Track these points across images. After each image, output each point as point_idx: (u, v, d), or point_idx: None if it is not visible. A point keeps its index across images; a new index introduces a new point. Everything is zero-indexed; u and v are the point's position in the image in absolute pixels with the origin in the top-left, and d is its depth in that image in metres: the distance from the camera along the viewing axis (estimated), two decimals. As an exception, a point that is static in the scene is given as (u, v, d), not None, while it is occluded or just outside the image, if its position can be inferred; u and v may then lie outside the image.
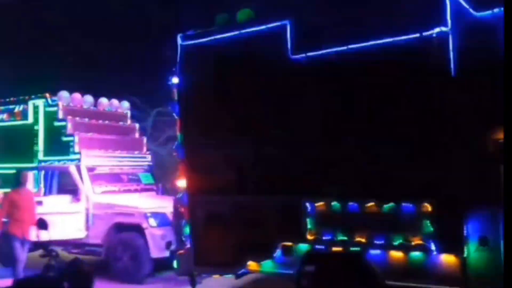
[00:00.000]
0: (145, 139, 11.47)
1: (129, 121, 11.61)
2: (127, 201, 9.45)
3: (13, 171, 10.27)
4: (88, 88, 11.56)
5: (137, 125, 11.64)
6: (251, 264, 5.98)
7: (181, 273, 6.99)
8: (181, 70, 6.69)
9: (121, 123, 11.39)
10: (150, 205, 9.20)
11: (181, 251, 6.97)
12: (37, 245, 9.97)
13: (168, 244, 8.70)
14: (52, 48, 14.70)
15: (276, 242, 5.76)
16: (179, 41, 6.67)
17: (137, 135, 11.49)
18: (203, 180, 6.50)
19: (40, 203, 9.59)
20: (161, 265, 8.81)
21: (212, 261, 6.41)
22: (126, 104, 11.72)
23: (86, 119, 10.55)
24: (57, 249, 10.66)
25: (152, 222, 8.79)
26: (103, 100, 11.31)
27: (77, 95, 10.81)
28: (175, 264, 7.03)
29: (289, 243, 5.71)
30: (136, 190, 10.41)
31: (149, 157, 11.21)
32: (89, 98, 11.04)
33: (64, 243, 10.04)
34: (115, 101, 11.51)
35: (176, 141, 7.10)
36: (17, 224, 7.82)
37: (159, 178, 11.64)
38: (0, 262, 10.54)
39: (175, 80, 6.91)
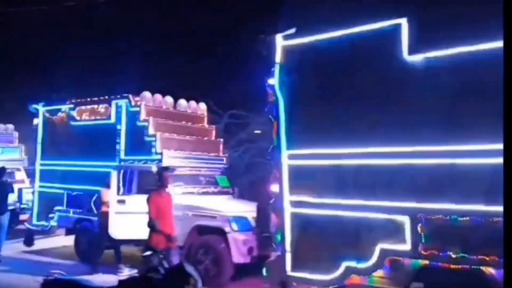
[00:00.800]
0: (222, 142, 11.38)
1: (206, 123, 11.58)
2: (208, 203, 9.35)
3: (95, 169, 10.59)
4: (164, 89, 11.59)
5: (214, 127, 11.58)
6: (354, 278, 5.64)
7: (271, 281, 6.74)
8: (280, 71, 6.44)
9: (199, 124, 11.37)
10: (232, 209, 9.05)
11: (272, 259, 6.72)
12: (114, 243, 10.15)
13: (250, 250, 8.53)
14: (133, 50, 14.98)
15: (382, 255, 5.38)
16: (278, 41, 6.44)
17: (214, 137, 11.43)
18: (302, 185, 6.22)
19: (122, 201, 9.71)
20: (242, 270, 8.63)
21: (307, 271, 6.11)
22: (203, 106, 11.71)
23: (167, 120, 10.58)
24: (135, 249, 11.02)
25: (235, 226, 8.63)
26: (182, 102, 11.35)
27: (158, 96, 10.89)
28: (264, 271, 6.79)
29: (397, 257, 5.33)
30: (213, 193, 10.32)
31: (225, 160, 11.10)
32: (169, 99, 11.10)
33: (142, 243, 10.14)
34: (193, 103, 11.52)
35: (271, 145, 6.85)
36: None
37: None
38: (78, 256, 10.79)
39: (271, 81, 6.68)
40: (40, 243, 12.19)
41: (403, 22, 5.26)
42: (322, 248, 5.93)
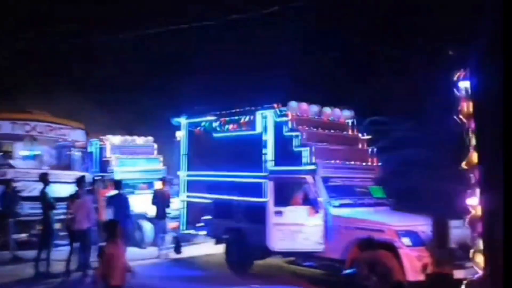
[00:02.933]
0: (372, 150, 10.89)
1: (351, 131, 11.18)
2: (370, 216, 8.93)
3: (243, 180, 10.61)
4: (307, 98, 11.35)
5: (362, 135, 11.13)
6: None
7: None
8: (477, 73, 5.83)
9: (345, 132, 11.00)
10: (400, 222, 8.55)
11: (473, 278, 6.09)
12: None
13: (425, 267, 7.96)
14: (273, 59, 15.06)
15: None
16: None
17: (363, 145, 10.98)
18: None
19: (279, 213, 9.59)
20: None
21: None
22: (347, 113, 11.32)
23: (315, 129, 10.33)
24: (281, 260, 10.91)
25: (407, 241, 8.11)
26: (326, 110, 11.04)
27: (304, 105, 10.69)
28: (464, 292, 6.16)
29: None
30: (369, 204, 9.88)
31: (378, 169, 10.61)
32: (314, 108, 10.84)
33: (297, 255, 9.98)
34: (337, 110, 11.18)
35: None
36: None
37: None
38: (228, 266, 10.86)
39: (463, 84, 6.09)
40: (186, 251, 12.53)
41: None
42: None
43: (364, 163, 10.52)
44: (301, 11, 12.53)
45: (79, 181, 9.93)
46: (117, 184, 11.84)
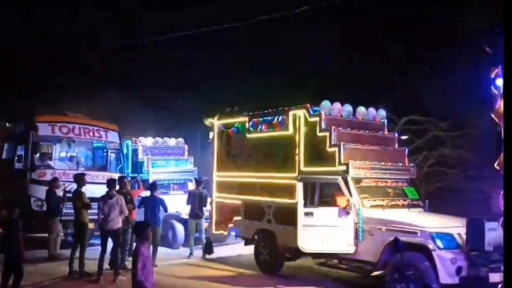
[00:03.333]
0: (406, 150, 10.63)
1: (386, 131, 10.94)
2: (404, 217, 8.71)
3: (275, 181, 10.53)
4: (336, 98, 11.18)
5: (395, 135, 10.89)
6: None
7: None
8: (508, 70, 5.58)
9: (379, 132, 10.78)
10: (434, 224, 8.31)
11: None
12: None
13: (459, 270, 7.71)
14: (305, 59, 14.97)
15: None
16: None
17: (397, 145, 10.74)
18: None
19: (309, 214, 9.48)
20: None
21: None
22: (382, 112, 11.08)
23: (348, 129, 10.15)
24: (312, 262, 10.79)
25: (440, 243, 7.87)
26: (361, 109, 10.83)
27: (337, 105, 10.50)
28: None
29: None
30: (403, 206, 9.64)
31: (412, 170, 10.34)
32: (348, 107, 10.66)
33: (328, 256, 9.84)
34: (372, 110, 10.96)
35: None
36: None
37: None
38: (258, 267, 10.80)
39: (500, 82, 5.85)
40: (217, 251, 12.55)
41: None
42: None
43: (398, 164, 10.26)
44: (333, 9, 12.37)
45: (110, 182, 10.10)
46: (151, 185, 12.02)
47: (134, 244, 7.52)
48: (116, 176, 12.08)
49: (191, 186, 15.75)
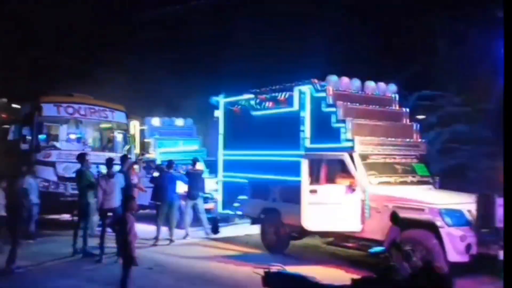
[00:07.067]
0: (416, 126, 10.22)
1: (397, 106, 10.54)
2: (411, 194, 8.37)
3: (280, 158, 10.26)
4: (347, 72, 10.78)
5: (406, 110, 10.47)
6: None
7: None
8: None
9: (389, 108, 10.38)
10: (443, 201, 7.96)
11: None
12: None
13: (468, 247, 7.38)
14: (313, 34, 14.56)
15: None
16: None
17: (406, 121, 10.34)
18: None
19: (314, 192, 9.19)
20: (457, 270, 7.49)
21: None
22: (393, 87, 10.67)
23: (356, 104, 9.78)
24: (319, 241, 10.53)
25: (448, 220, 7.54)
26: (370, 84, 10.45)
27: (345, 79, 10.15)
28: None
29: None
30: (412, 182, 9.31)
31: (422, 146, 9.96)
32: (356, 82, 10.29)
33: (334, 235, 9.57)
34: (382, 85, 10.56)
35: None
36: None
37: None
38: (264, 247, 10.59)
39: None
40: (224, 231, 12.35)
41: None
42: None
43: (408, 140, 9.88)
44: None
45: (108, 162, 10.05)
46: (168, 163, 11.98)
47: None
48: (111, 156, 11.81)
49: (199, 166, 15.55)
